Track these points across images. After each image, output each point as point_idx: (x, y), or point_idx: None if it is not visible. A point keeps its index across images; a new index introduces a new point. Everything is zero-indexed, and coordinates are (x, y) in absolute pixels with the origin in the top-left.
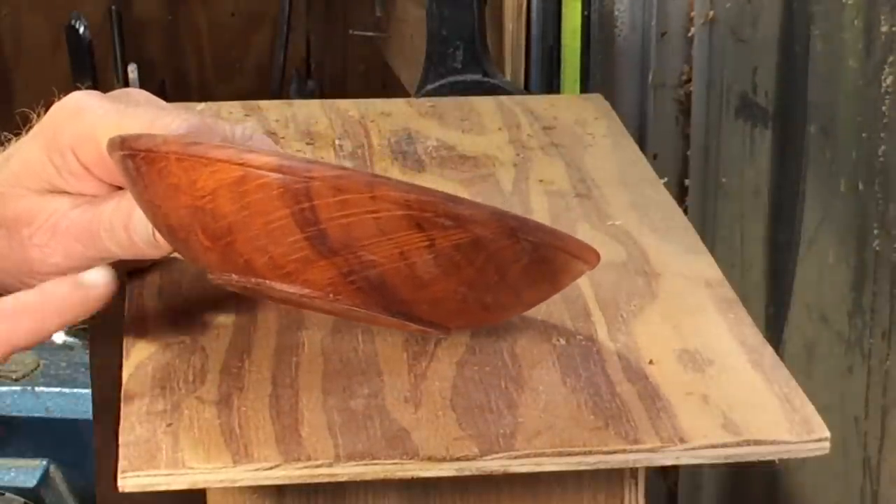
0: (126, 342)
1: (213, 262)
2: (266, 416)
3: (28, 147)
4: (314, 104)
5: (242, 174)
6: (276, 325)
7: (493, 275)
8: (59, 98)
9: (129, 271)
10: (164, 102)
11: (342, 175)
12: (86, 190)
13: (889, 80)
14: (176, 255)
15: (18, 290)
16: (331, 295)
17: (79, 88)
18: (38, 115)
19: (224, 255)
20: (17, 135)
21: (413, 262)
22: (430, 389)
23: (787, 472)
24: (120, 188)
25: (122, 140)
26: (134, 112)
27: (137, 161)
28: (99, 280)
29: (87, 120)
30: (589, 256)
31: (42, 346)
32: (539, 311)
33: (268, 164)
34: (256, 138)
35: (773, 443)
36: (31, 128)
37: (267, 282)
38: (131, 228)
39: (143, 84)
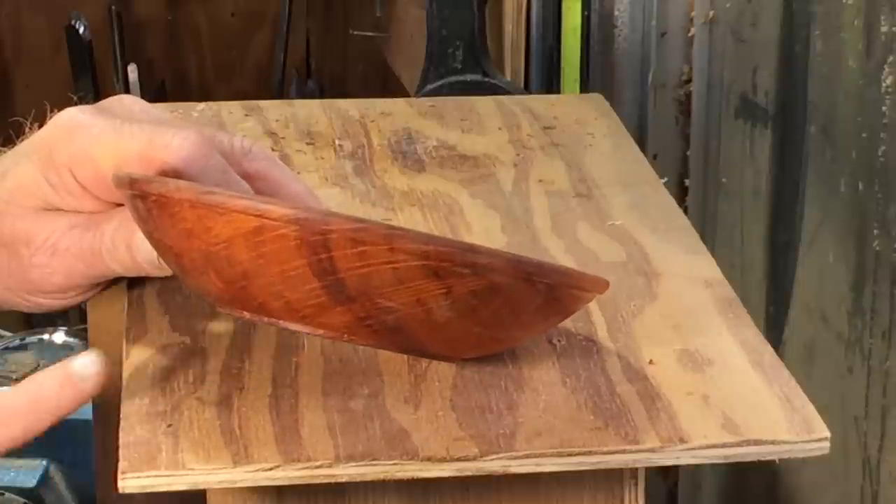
0: (126, 342)
1: (226, 301)
2: (266, 416)
3: (23, 165)
4: (314, 104)
5: (259, 225)
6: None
7: (507, 315)
8: (54, 113)
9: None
10: (158, 111)
11: (360, 228)
12: (84, 208)
13: (889, 80)
14: None
15: (20, 305)
16: (346, 336)
17: (75, 102)
18: (32, 129)
19: (237, 296)
20: (17, 138)
21: (430, 308)
22: (430, 389)
23: (787, 472)
24: (120, 205)
25: (132, 181)
26: (130, 130)
27: (148, 203)
28: (91, 370)
29: (83, 139)
30: (599, 287)
31: (42, 345)
32: None
33: (285, 217)
34: (255, 150)
35: (773, 443)
36: (24, 139)
37: (281, 322)
38: (134, 248)
39: (143, 84)
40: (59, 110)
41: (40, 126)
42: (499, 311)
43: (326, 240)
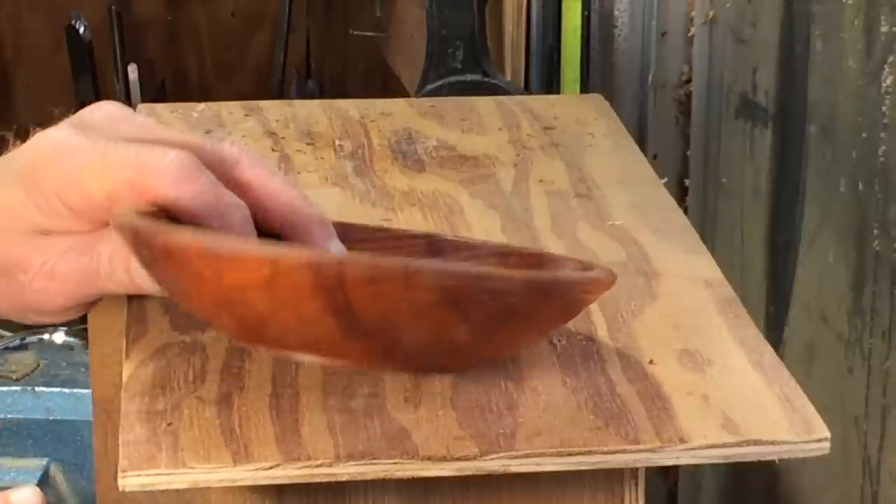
0: (126, 342)
1: (240, 337)
2: (266, 415)
3: (9, 190)
4: (314, 104)
5: (272, 271)
6: None
7: (523, 329)
8: (35, 131)
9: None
10: (142, 119)
11: (376, 267)
12: (76, 229)
13: (889, 80)
14: None
15: (21, 320)
16: (364, 364)
17: (56, 118)
18: (15, 144)
19: (252, 335)
20: (13, 141)
21: (448, 334)
22: (430, 389)
23: (787, 472)
24: None
25: (136, 231)
26: (116, 153)
27: (155, 252)
28: (30, 501)
29: (69, 164)
30: (609, 284)
31: (42, 346)
32: None
33: (298, 262)
34: (246, 159)
35: (773, 443)
36: (6, 153)
37: (298, 355)
38: (133, 271)
39: (143, 84)
40: (55, 118)
41: (23, 141)
42: (516, 328)
43: (342, 282)
